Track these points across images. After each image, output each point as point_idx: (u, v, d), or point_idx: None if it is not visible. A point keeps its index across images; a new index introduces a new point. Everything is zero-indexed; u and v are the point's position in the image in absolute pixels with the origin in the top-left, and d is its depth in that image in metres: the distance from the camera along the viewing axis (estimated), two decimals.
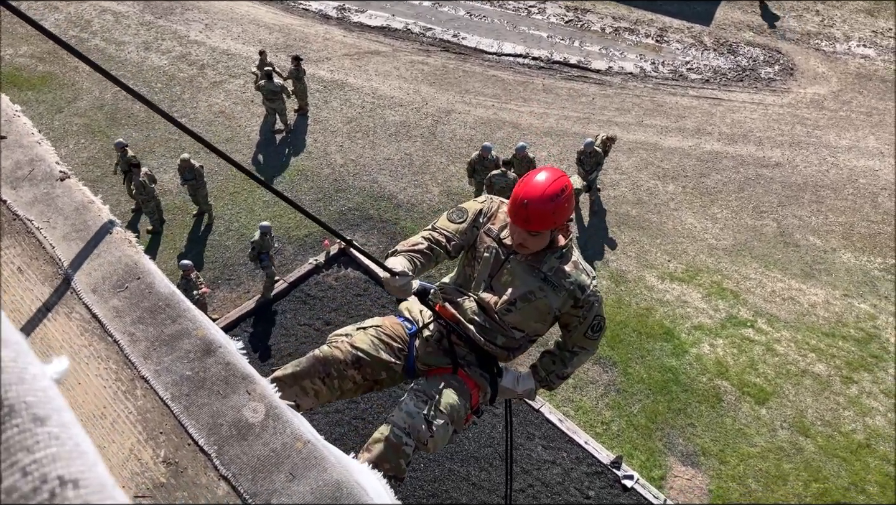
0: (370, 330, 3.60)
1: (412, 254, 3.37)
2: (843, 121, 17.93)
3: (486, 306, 3.51)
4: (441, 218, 3.64)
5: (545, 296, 3.49)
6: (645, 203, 15.41)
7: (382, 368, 3.51)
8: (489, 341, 3.56)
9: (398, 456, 3.16)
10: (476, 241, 3.61)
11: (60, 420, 0.68)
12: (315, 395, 3.41)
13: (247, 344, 12.03)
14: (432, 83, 18.40)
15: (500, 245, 3.54)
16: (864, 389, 12.29)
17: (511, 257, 3.52)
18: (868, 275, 14.18)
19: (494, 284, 3.54)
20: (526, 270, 3.51)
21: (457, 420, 3.39)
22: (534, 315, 3.54)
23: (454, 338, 3.59)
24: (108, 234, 1.82)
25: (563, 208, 3.37)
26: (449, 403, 3.34)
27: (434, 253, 3.45)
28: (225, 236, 14.23)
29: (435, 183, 15.48)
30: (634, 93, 18.62)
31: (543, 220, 3.32)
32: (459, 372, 3.55)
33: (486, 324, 3.53)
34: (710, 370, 12.42)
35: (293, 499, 1.40)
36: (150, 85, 17.76)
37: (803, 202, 15.63)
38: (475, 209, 3.66)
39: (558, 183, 3.35)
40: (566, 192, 3.37)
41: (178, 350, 1.60)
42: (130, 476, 1.42)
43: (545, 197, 3.28)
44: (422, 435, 3.19)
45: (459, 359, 3.58)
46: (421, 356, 3.61)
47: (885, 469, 11.28)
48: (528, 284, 3.49)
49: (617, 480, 10.77)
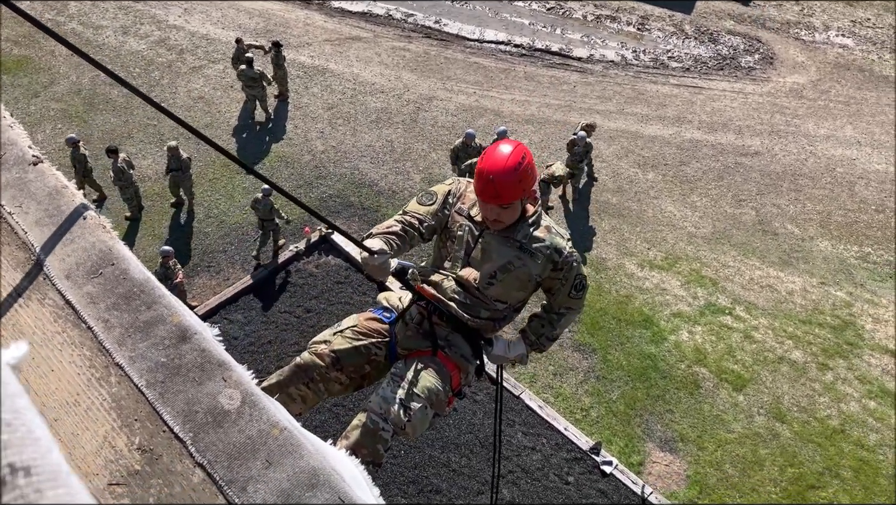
0: (347, 332, 3.62)
1: (387, 236, 3.40)
2: (822, 110, 18.07)
3: (466, 283, 3.55)
4: (411, 202, 3.69)
5: (524, 264, 3.53)
6: (625, 191, 15.47)
7: (365, 363, 3.56)
8: (473, 316, 3.59)
9: (375, 441, 3.17)
10: (448, 222, 3.66)
11: (13, 406, 0.67)
12: (302, 400, 3.46)
13: (227, 332, 11.98)
14: (414, 70, 18.33)
15: (472, 222, 3.59)
16: (839, 375, 12.45)
17: (484, 232, 3.56)
18: (844, 263, 14.34)
19: (472, 261, 3.57)
20: (501, 242, 3.55)
21: (436, 403, 3.39)
22: (515, 284, 3.58)
23: (435, 319, 3.62)
24: (82, 220, 1.79)
25: (527, 176, 3.42)
26: (426, 386, 3.34)
27: (408, 235, 3.49)
28: (205, 223, 14.12)
29: (416, 170, 15.44)
30: (616, 81, 18.65)
31: (511, 191, 3.37)
32: (439, 354, 3.56)
33: (468, 300, 3.57)
34: (689, 357, 12.53)
35: (269, 486, 1.39)
36: (129, 70, 17.54)
37: (782, 191, 15.76)
38: (444, 191, 3.72)
39: (517, 152, 3.40)
40: (526, 158, 3.42)
41: (153, 337, 1.58)
42: (104, 464, 1.41)
43: (509, 169, 3.33)
44: (398, 420, 3.20)
45: (440, 340, 3.60)
46: (401, 341, 3.64)
47: (858, 454, 11.45)
48: (505, 255, 3.53)
49: (596, 466, 10.85)
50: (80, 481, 0.69)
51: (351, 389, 3.65)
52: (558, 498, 10.53)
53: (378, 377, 3.66)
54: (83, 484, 1.33)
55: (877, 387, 12.30)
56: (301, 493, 1.39)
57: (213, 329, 1.71)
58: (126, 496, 1.37)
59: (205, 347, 1.57)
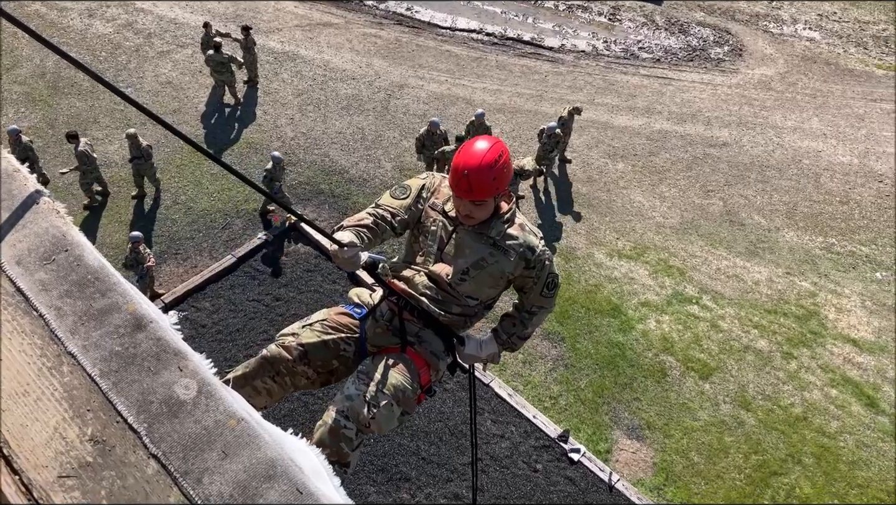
0: (316, 325, 3.57)
1: (358, 228, 3.35)
2: (789, 102, 18.30)
3: (438, 279, 3.52)
4: (384, 195, 3.63)
5: (496, 261, 3.52)
6: (595, 181, 15.55)
7: (333, 358, 3.50)
8: (445, 312, 3.56)
9: (338, 440, 3.12)
10: (422, 217, 3.62)
11: None
12: (268, 393, 3.41)
13: (194, 320, 11.86)
14: (385, 57, 18.22)
15: (446, 217, 3.56)
16: (802, 364, 12.66)
17: (458, 228, 3.54)
18: (809, 253, 14.56)
19: (444, 256, 3.54)
20: (474, 238, 3.52)
21: (403, 400, 3.33)
22: (487, 281, 3.56)
23: (406, 314, 3.56)
24: (35, 205, 1.74)
25: (502, 174, 3.38)
26: (393, 383, 3.29)
27: (380, 228, 3.43)
28: (172, 210, 13.94)
29: (388, 158, 15.37)
30: (587, 71, 18.71)
31: (485, 188, 3.34)
32: (408, 350, 3.52)
33: (439, 296, 3.53)
34: (656, 346, 12.65)
35: (226, 477, 1.37)
36: (95, 53, 17.22)
37: (749, 182, 15.94)
38: (418, 185, 3.67)
39: (495, 149, 3.36)
40: (503, 157, 3.38)
41: (108, 325, 1.54)
42: (55, 455, 1.37)
43: (484, 165, 3.30)
44: (362, 417, 3.14)
45: (410, 336, 3.56)
46: (371, 338, 3.59)
47: (820, 441, 11.67)
48: (478, 251, 3.51)
49: (564, 454, 10.93)
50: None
51: (318, 385, 3.59)
52: (527, 485, 10.59)
53: (346, 374, 3.58)
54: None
55: (839, 375, 12.53)
56: (258, 484, 1.37)
57: (172, 317, 1.67)
58: (77, 488, 1.34)
59: (161, 336, 1.53)
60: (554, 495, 10.55)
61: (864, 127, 17.67)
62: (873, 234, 15.08)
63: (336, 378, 3.62)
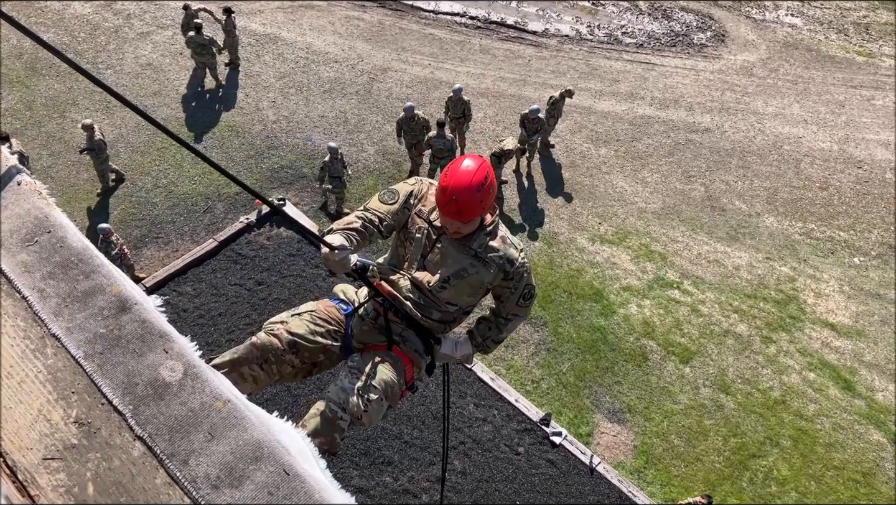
0: (305, 315, 3.68)
1: (348, 231, 3.43)
2: (771, 88, 18.39)
3: (420, 285, 3.64)
4: (373, 199, 3.71)
5: (476, 272, 3.63)
6: (578, 166, 15.57)
7: (319, 351, 3.61)
8: (425, 316, 3.69)
9: (333, 430, 3.23)
10: (408, 222, 3.73)
11: None
12: (254, 380, 3.47)
13: (176, 304, 11.79)
14: (368, 40, 18.10)
15: (431, 226, 3.67)
16: (781, 348, 12.81)
17: (442, 237, 3.65)
18: (789, 239, 14.69)
19: (427, 264, 3.66)
20: (457, 249, 3.63)
21: (391, 395, 3.47)
22: (467, 290, 3.68)
23: (391, 315, 3.70)
24: (17, 185, 1.72)
25: (488, 194, 3.50)
26: (383, 378, 3.42)
27: (368, 231, 3.52)
28: (153, 193, 13.81)
29: (370, 142, 15.31)
30: (570, 56, 18.69)
31: (472, 208, 3.46)
32: (394, 348, 3.66)
33: (421, 300, 3.66)
34: (637, 330, 12.75)
35: (212, 459, 1.37)
36: (73, 35, 16.98)
37: (730, 167, 16.04)
38: (406, 191, 3.75)
39: (481, 171, 3.46)
40: (489, 178, 3.49)
41: (92, 307, 1.53)
42: (39, 438, 1.37)
43: (472, 188, 3.40)
44: (356, 410, 3.26)
45: (395, 336, 3.70)
46: (357, 335, 3.72)
47: (797, 424, 11.83)
48: (460, 261, 3.62)
49: (546, 437, 11.01)
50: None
51: (300, 376, 3.69)
52: (509, 468, 10.67)
53: (329, 367, 3.74)
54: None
55: (816, 359, 12.69)
56: (245, 466, 1.37)
57: (156, 299, 1.66)
58: (62, 470, 1.34)
59: (145, 318, 1.53)
60: (535, 478, 10.64)
61: (844, 113, 17.81)
62: (852, 219, 15.24)
63: (318, 370, 3.73)
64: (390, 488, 10.21)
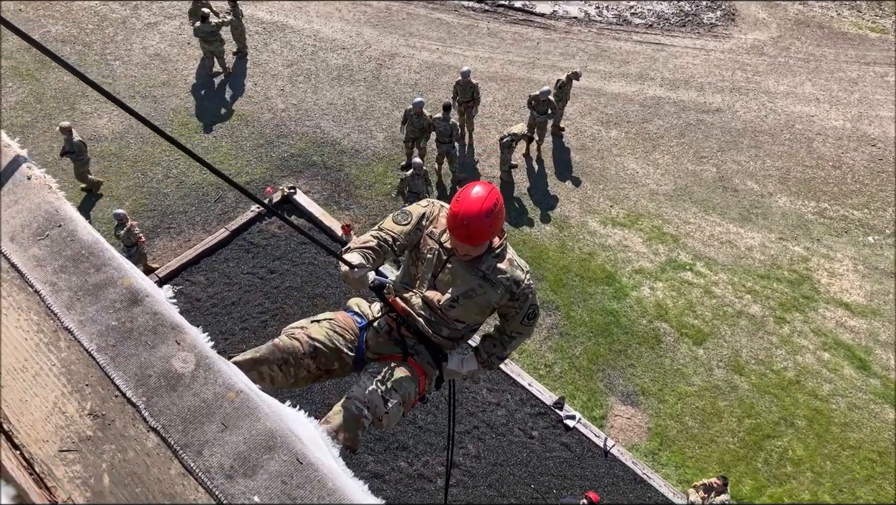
0: (324, 323, 3.85)
1: (365, 250, 3.60)
2: (782, 67, 18.21)
3: (431, 303, 3.80)
4: (387, 220, 3.88)
5: (484, 292, 3.79)
6: (588, 149, 15.50)
7: (335, 359, 3.78)
8: (436, 333, 3.86)
9: (357, 427, 3.37)
10: (420, 243, 3.89)
11: None
12: (271, 380, 3.60)
13: (189, 294, 11.86)
14: (375, 25, 18.03)
15: (442, 247, 3.82)
16: (795, 328, 12.75)
17: (452, 258, 3.81)
18: (802, 218, 14.59)
19: (438, 283, 3.83)
20: (466, 270, 3.79)
21: (406, 402, 3.65)
22: (474, 309, 3.84)
23: (404, 330, 3.88)
24: (27, 180, 1.73)
25: (498, 219, 3.65)
26: (403, 385, 3.59)
27: (382, 250, 3.69)
28: (164, 184, 13.86)
29: (379, 128, 15.29)
30: (579, 37, 18.56)
31: (482, 233, 3.61)
32: (409, 360, 3.84)
33: (432, 318, 3.82)
34: (650, 313, 12.72)
35: (226, 449, 1.38)
36: (81, 26, 17.00)
37: (742, 147, 15.92)
38: (419, 213, 3.92)
39: (491, 198, 3.61)
40: (498, 204, 3.64)
41: (103, 300, 1.54)
42: (55, 430, 1.38)
43: (482, 214, 3.54)
44: (378, 410, 3.42)
45: (409, 348, 3.89)
46: (372, 346, 3.90)
47: (812, 404, 11.80)
48: (469, 282, 3.78)
49: (559, 420, 11.04)
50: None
51: (312, 380, 3.85)
52: (523, 452, 10.71)
53: (340, 376, 3.94)
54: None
55: (831, 339, 12.64)
56: (258, 455, 1.38)
57: (168, 291, 1.67)
58: (78, 462, 1.35)
59: (157, 310, 1.53)
60: (550, 462, 10.68)
61: (857, 91, 17.62)
62: (866, 198, 15.11)
63: (328, 378, 3.93)
64: (405, 473, 10.28)
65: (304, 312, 11.85)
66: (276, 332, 11.73)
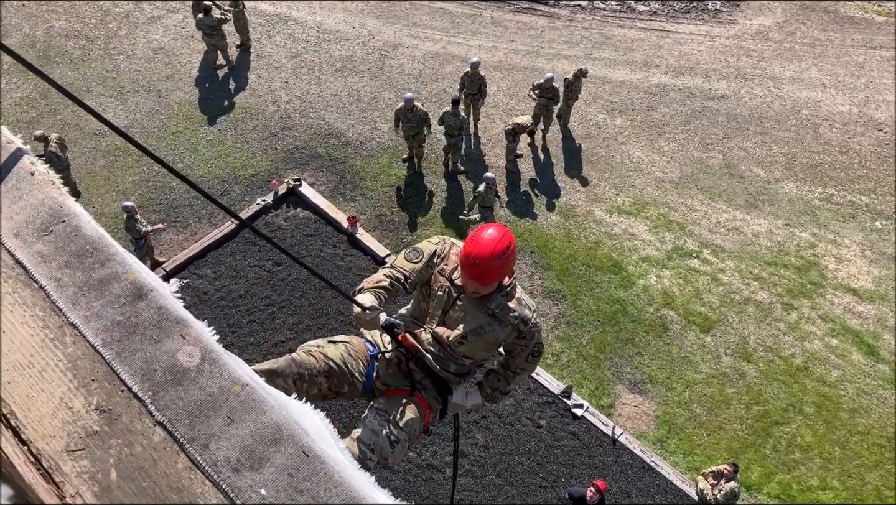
0: (340, 345, 3.97)
1: (377, 290, 3.69)
2: (788, 52, 18.10)
3: (441, 339, 3.90)
4: (399, 257, 3.97)
5: (493, 330, 3.87)
6: (593, 137, 15.45)
7: (346, 382, 3.89)
8: (443, 369, 3.98)
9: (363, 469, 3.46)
10: (430, 280, 3.98)
11: None
12: (284, 392, 3.66)
13: (196, 287, 11.89)
14: (378, 16, 17.98)
15: (452, 284, 3.91)
16: (803, 314, 12.72)
17: (462, 295, 3.89)
18: (809, 204, 14.53)
19: (447, 319, 3.92)
20: (475, 307, 3.87)
21: (412, 438, 3.82)
22: (482, 346, 3.93)
23: (412, 364, 4.00)
24: (31, 176, 1.73)
25: (509, 262, 3.73)
26: (408, 423, 3.76)
27: (394, 288, 3.78)
28: (169, 177, 13.87)
29: (384, 120, 15.26)
30: (583, 25, 18.47)
31: (493, 274, 3.69)
32: (416, 394, 3.95)
33: (441, 353, 3.94)
34: (657, 301, 12.70)
35: (232, 442, 1.38)
36: (85, 21, 17.00)
37: (748, 134, 15.84)
38: (430, 250, 4.00)
39: (504, 241, 3.68)
40: (510, 247, 3.71)
41: (108, 295, 1.54)
42: (62, 425, 1.39)
43: (494, 255, 3.62)
44: (384, 452, 3.59)
45: (416, 382, 3.99)
46: (382, 377, 3.99)
47: (820, 390, 11.78)
48: (478, 319, 3.86)
49: (567, 409, 11.05)
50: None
51: (320, 399, 3.90)
52: (531, 441, 10.73)
53: (348, 398, 4.08)
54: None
55: (839, 325, 12.60)
56: (265, 448, 1.38)
57: (172, 285, 1.67)
58: (85, 457, 1.35)
59: (162, 305, 1.54)
60: (558, 450, 10.69)
61: (863, 75, 17.51)
62: (873, 183, 15.04)
63: (340, 396, 4.05)
64: (414, 463, 10.31)
65: (312, 303, 11.88)
66: (283, 324, 11.75)
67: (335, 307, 11.78)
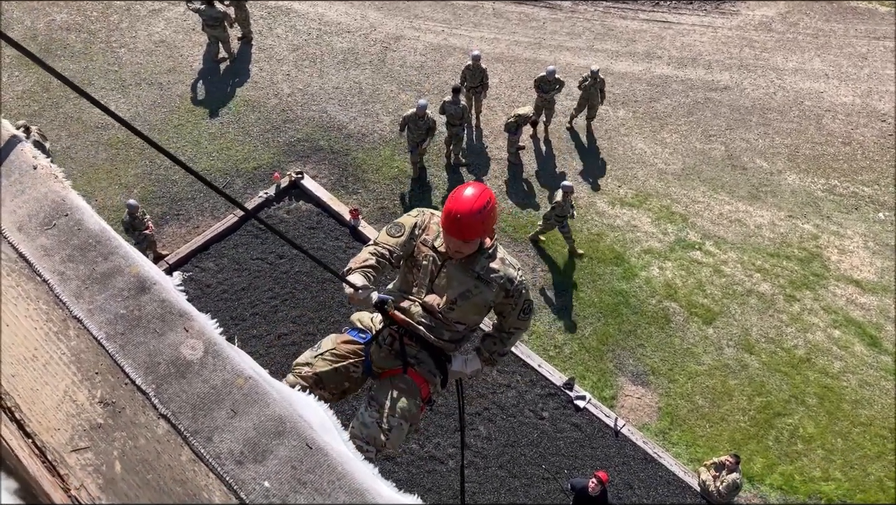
0: (326, 355, 4.08)
1: (365, 269, 3.78)
2: (790, 43, 18.03)
3: (430, 308, 3.98)
4: (381, 234, 4.06)
5: (480, 292, 3.97)
6: (596, 129, 15.42)
7: (344, 381, 4.05)
8: (437, 337, 4.03)
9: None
10: (414, 251, 4.07)
11: None
12: None
13: (199, 280, 11.90)
14: (380, 8, 17.92)
15: (436, 252, 4.00)
16: (805, 306, 12.71)
17: (447, 262, 3.98)
18: (812, 196, 14.50)
19: (435, 287, 4.01)
20: (461, 272, 3.97)
21: (410, 417, 3.91)
22: (473, 309, 4.02)
23: (406, 339, 4.05)
24: (33, 170, 1.73)
25: (489, 218, 3.82)
26: (401, 406, 3.86)
27: (381, 265, 3.88)
28: (172, 171, 13.87)
29: (385, 112, 15.24)
30: (585, 16, 18.41)
31: (474, 229, 3.78)
32: (409, 371, 4.03)
33: (433, 323, 4.01)
34: (660, 292, 12.70)
35: (235, 435, 1.39)
36: (86, 14, 16.96)
37: (751, 125, 15.80)
38: (411, 223, 4.10)
39: (483, 197, 3.79)
40: (490, 203, 3.82)
41: (112, 288, 1.55)
42: (66, 418, 1.39)
43: (474, 210, 3.72)
44: (378, 441, 3.72)
45: (410, 358, 4.06)
46: (376, 361, 4.10)
47: (823, 381, 11.79)
48: (465, 283, 3.96)
49: (570, 401, 11.07)
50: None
51: (329, 402, 4.00)
52: (534, 433, 10.75)
53: (356, 389, 4.20)
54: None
55: (841, 316, 12.60)
56: (268, 441, 1.39)
57: (175, 279, 1.68)
58: (90, 450, 1.36)
59: (165, 298, 1.54)
60: (560, 442, 10.71)
61: (866, 66, 17.44)
62: (876, 174, 15.00)
63: (348, 394, 4.21)
64: (417, 455, 10.34)
65: (314, 296, 11.90)
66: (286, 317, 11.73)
67: (338, 300, 11.79)
